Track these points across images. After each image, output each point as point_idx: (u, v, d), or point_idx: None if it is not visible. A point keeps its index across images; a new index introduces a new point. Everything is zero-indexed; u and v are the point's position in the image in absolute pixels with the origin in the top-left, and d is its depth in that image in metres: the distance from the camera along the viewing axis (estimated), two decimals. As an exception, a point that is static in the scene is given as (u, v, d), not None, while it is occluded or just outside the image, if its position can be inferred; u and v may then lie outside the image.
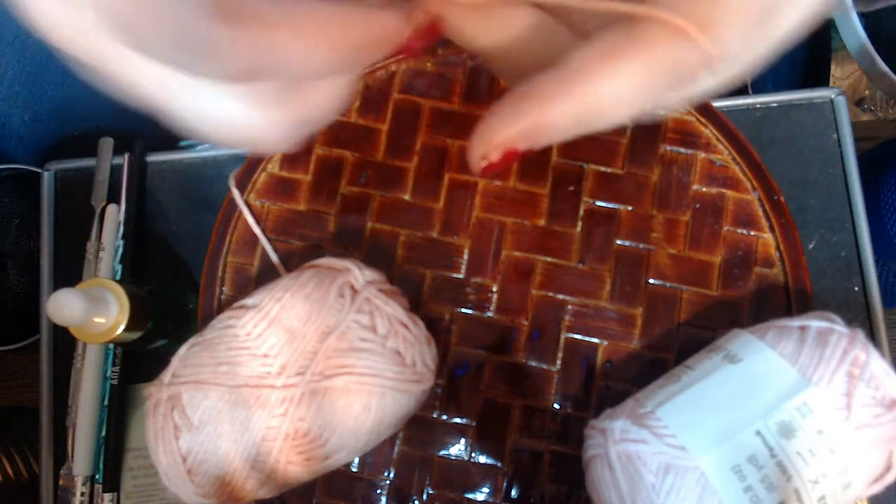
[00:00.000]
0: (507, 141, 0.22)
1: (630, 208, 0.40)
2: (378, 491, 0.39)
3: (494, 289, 0.40)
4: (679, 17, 0.19)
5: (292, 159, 0.42)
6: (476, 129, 0.23)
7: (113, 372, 0.42)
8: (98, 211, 0.45)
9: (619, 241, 0.40)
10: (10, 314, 0.72)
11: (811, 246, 0.42)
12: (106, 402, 0.42)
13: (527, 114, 0.21)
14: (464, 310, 0.40)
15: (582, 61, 0.20)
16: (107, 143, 0.46)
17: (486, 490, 0.39)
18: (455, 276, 0.40)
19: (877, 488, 0.32)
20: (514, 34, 0.23)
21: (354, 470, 0.39)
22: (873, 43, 0.63)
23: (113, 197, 0.45)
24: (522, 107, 0.21)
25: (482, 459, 0.39)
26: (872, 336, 0.41)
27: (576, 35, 0.22)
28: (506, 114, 0.22)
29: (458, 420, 0.39)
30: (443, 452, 0.39)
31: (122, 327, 0.36)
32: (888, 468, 0.32)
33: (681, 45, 0.19)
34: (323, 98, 0.22)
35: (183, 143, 0.46)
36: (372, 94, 0.42)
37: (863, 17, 0.65)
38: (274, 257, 0.41)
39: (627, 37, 0.19)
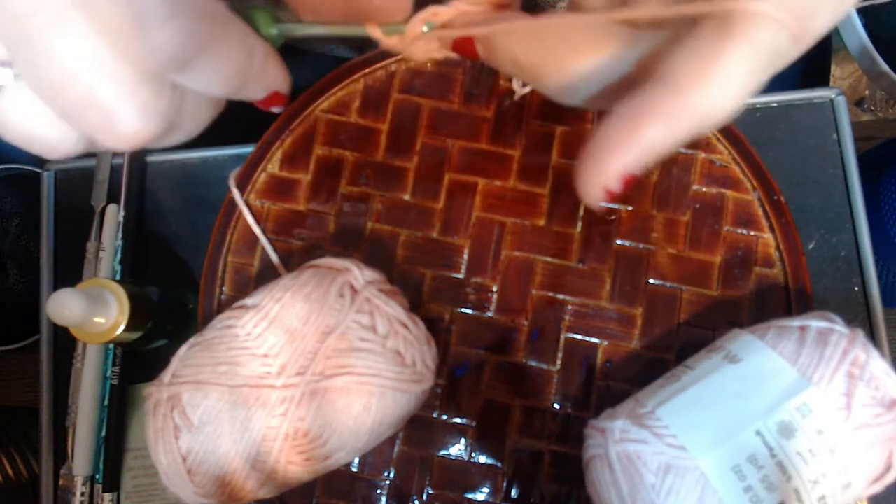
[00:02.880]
0: (625, 167, 0.21)
1: (630, 208, 0.40)
2: (378, 491, 0.39)
3: (494, 289, 0.40)
4: (768, 4, 0.18)
5: (292, 159, 0.42)
6: (583, 160, 0.22)
7: (113, 372, 0.42)
8: (98, 211, 0.45)
9: (619, 241, 0.40)
10: (10, 314, 0.72)
11: (811, 246, 0.42)
12: (106, 402, 0.42)
13: (639, 135, 0.20)
14: (464, 310, 0.40)
15: (686, 69, 0.19)
16: (107, 143, 0.46)
17: (486, 490, 0.39)
18: (455, 276, 0.40)
19: (877, 488, 0.32)
20: (601, 63, 0.22)
21: (354, 470, 0.39)
22: (873, 43, 0.63)
23: (113, 197, 0.45)
24: (633, 129, 0.20)
25: (482, 459, 0.39)
26: (872, 336, 0.41)
27: (642, 38, 0.21)
28: (617, 139, 0.21)
29: (458, 420, 0.39)
30: (443, 452, 0.39)
31: (122, 327, 0.36)
32: (888, 468, 0.32)
33: (774, 31, 0.19)
34: (196, 114, 0.22)
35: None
36: (372, 94, 0.42)
37: (863, 16, 0.65)
38: (274, 257, 0.41)
39: (723, 34, 0.19)
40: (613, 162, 0.21)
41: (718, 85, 0.19)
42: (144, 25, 0.17)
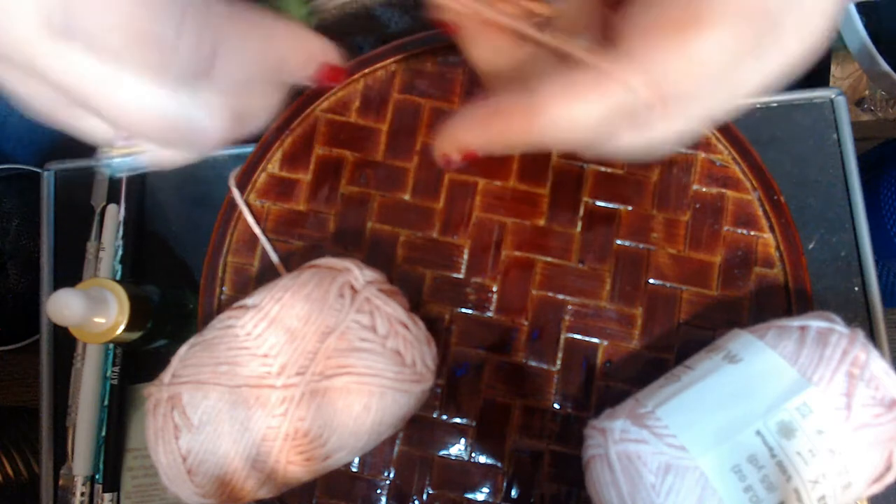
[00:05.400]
0: (469, 145, 0.24)
1: (630, 208, 0.40)
2: (378, 491, 0.39)
3: (494, 289, 0.40)
4: (614, 62, 0.21)
5: (292, 159, 0.42)
6: (443, 125, 0.25)
7: (113, 372, 0.42)
8: (98, 211, 0.45)
9: (619, 241, 0.40)
10: (10, 314, 0.72)
11: (811, 246, 0.42)
12: (106, 402, 0.42)
13: (491, 125, 0.24)
14: (464, 310, 0.40)
15: (546, 90, 0.22)
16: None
17: (486, 490, 0.39)
18: (455, 276, 0.40)
19: (877, 488, 0.32)
20: (510, 60, 0.25)
21: (354, 470, 0.39)
22: (873, 42, 0.63)
23: (113, 197, 0.45)
24: (489, 118, 0.24)
25: (482, 459, 0.39)
26: (872, 336, 0.41)
27: (559, 64, 0.24)
28: (473, 121, 0.24)
29: (458, 420, 0.39)
30: (443, 452, 0.39)
31: (122, 327, 0.36)
32: (888, 468, 0.32)
33: (623, 90, 0.21)
34: (257, 102, 0.25)
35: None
36: (372, 94, 0.42)
37: (863, 16, 0.65)
38: (274, 257, 0.41)
39: (584, 76, 0.22)
40: (461, 137, 0.24)
41: (561, 111, 0.22)
42: (164, 45, 0.19)
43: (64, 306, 0.33)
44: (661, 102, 0.21)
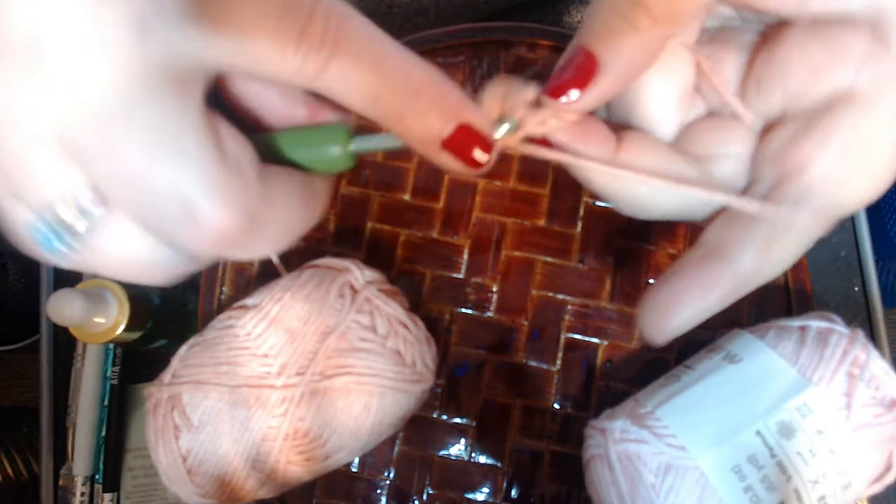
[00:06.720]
0: (680, 328, 0.23)
1: (630, 208, 0.40)
2: (378, 491, 0.39)
3: (494, 289, 0.40)
4: (806, 215, 0.21)
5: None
6: (647, 311, 0.24)
7: (113, 372, 0.42)
8: (98, 211, 0.45)
9: (618, 241, 0.40)
10: (10, 314, 0.72)
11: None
12: (106, 402, 0.42)
13: (698, 303, 0.22)
14: (464, 310, 0.40)
15: (746, 248, 0.21)
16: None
17: (486, 490, 0.39)
18: (455, 276, 0.40)
19: (877, 488, 0.32)
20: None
21: (354, 470, 0.39)
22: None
23: (113, 197, 0.45)
24: (694, 296, 0.22)
25: (482, 459, 0.39)
26: (872, 336, 0.41)
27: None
28: (676, 304, 0.23)
29: (458, 420, 0.39)
30: (443, 452, 0.39)
31: (122, 327, 0.36)
32: (888, 468, 0.32)
33: (817, 228, 0.21)
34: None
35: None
36: (372, 94, 0.42)
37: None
38: (274, 257, 0.41)
39: (778, 229, 0.21)
40: (672, 320, 0.23)
41: (771, 268, 0.21)
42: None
43: (64, 306, 0.33)
44: (838, 214, 0.21)
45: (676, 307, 0.23)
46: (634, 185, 0.23)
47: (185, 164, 0.17)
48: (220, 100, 0.21)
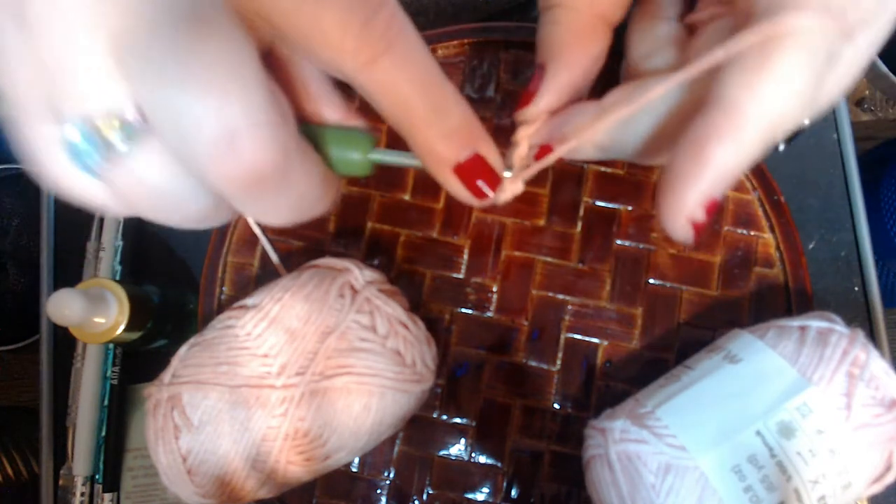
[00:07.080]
0: (704, 196, 0.20)
1: (630, 208, 0.40)
2: (378, 491, 0.39)
3: (494, 289, 0.40)
4: (804, 17, 0.18)
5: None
6: (661, 196, 0.21)
7: (113, 372, 0.42)
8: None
9: (619, 241, 0.40)
10: (10, 314, 0.72)
11: (811, 246, 0.42)
12: (106, 402, 0.42)
13: (712, 160, 0.20)
14: (464, 310, 0.40)
15: (737, 83, 0.19)
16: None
17: (486, 490, 0.39)
18: (455, 276, 0.40)
19: (877, 488, 0.32)
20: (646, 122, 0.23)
21: (354, 470, 0.39)
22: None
23: (113, 197, 0.45)
24: (703, 156, 0.20)
25: (482, 459, 0.39)
26: (872, 336, 0.41)
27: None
28: (687, 169, 0.20)
29: (458, 420, 0.39)
30: (443, 452, 0.39)
31: (122, 327, 0.36)
32: (888, 468, 0.32)
33: (816, 29, 0.18)
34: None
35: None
36: (372, 94, 0.42)
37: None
38: (274, 257, 0.41)
39: (767, 46, 0.18)
40: (690, 193, 0.20)
41: (772, 90, 0.19)
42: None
43: (64, 306, 0.33)
44: (846, 29, 0.18)
45: (691, 173, 0.20)
46: (622, 127, 0.24)
47: (237, 90, 0.17)
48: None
